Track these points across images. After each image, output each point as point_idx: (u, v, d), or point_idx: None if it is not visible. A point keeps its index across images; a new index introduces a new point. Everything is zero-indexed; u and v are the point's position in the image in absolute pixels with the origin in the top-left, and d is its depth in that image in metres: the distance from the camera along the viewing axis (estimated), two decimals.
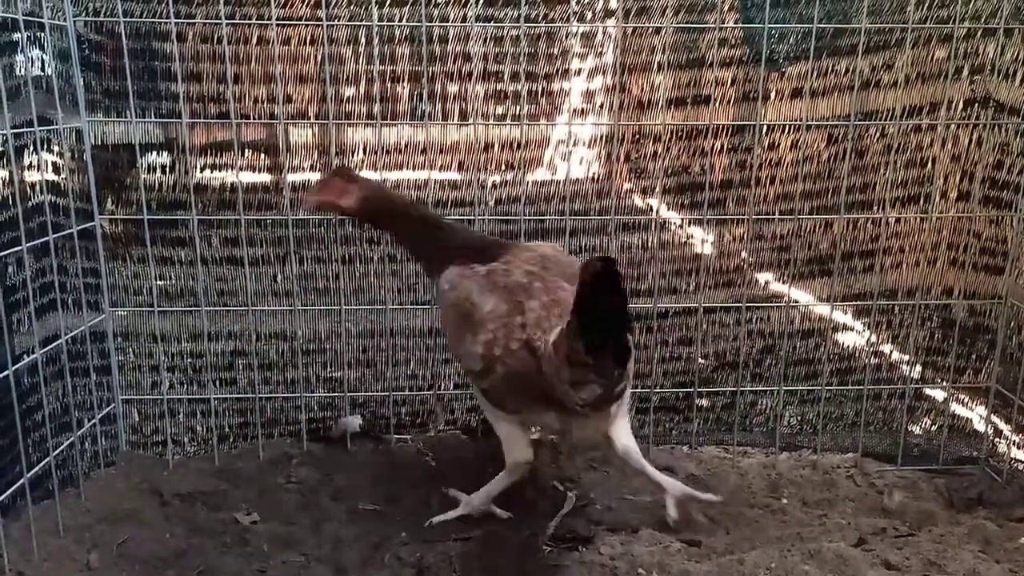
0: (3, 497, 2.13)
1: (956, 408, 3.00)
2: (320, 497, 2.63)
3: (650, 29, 2.66)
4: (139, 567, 2.24)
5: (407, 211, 2.47)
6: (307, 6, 2.58)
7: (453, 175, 2.79)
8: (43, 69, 2.38)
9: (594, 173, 2.81)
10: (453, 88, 2.71)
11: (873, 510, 2.61)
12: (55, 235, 2.38)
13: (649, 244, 2.83)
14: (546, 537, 2.34)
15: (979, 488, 2.74)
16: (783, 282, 2.88)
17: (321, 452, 2.90)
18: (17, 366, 2.20)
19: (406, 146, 2.74)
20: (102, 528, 2.41)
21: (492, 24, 2.64)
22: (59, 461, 2.48)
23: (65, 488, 2.52)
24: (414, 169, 2.76)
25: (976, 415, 2.97)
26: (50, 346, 2.39)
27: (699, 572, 2.06)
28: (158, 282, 2.76)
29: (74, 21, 2.49)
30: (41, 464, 2.33)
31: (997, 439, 2.88)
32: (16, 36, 2.23)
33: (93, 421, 2.66)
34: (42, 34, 2.35)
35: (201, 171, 2.70)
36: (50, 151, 2.45)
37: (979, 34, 2.64)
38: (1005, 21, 2.57)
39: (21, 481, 2.20)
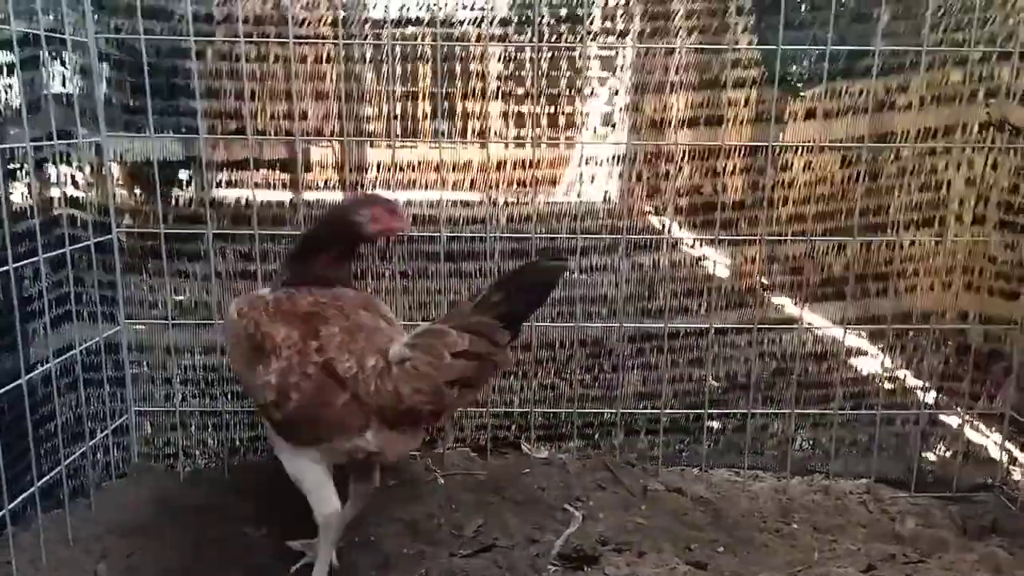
0: (13, 505, 2.15)
1: (971, 434, 2.96)
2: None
3: (662, 50, 2.67)
4: None
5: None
6: (324, 24, 2.61)
7: (467, 194, 2.81)
8: (64, 84, 2.42)
9: (606, 192, 2.82)
10: (470, 106, 2.73)
11: (885, 536, 2.58)
12: (71, 247, 2.41)
13: (661, 264, 2.83)
14: (551, 557, 2.33)
15: (993, 515, 2.71)
16: (796, 304, 2.86)
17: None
18: (31, 375, 2.23)
19: (419, 164, 2.76)
20: (112, 539, 2.43)
21: (511, 44, 2.67)
22: (71, 471, 2.51)
23: (76, 498, 2.55)
24: (427, 188, 2.79)
25: (991, 442, 2.93)
26: (63, 356, 2.42)
27: None
28: (176, 297, 2.78)
29: (96, 38, 2.53)
30: (52, 473, 2.35)
31: (1012, 466, 2.84)
32: (39, 52, 2.28)
33: (105, 432, 2.69)
34: (64, 50, 2.40)
35: (218, 186, 2.74)
36: (69, 165, 2.50)
37: (994, 58, 2.62)
38: (1021, 45, 2.56)
39: (31, 490, 2.23)
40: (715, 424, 3.04)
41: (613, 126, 2.80)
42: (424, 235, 2.77)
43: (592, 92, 2.78)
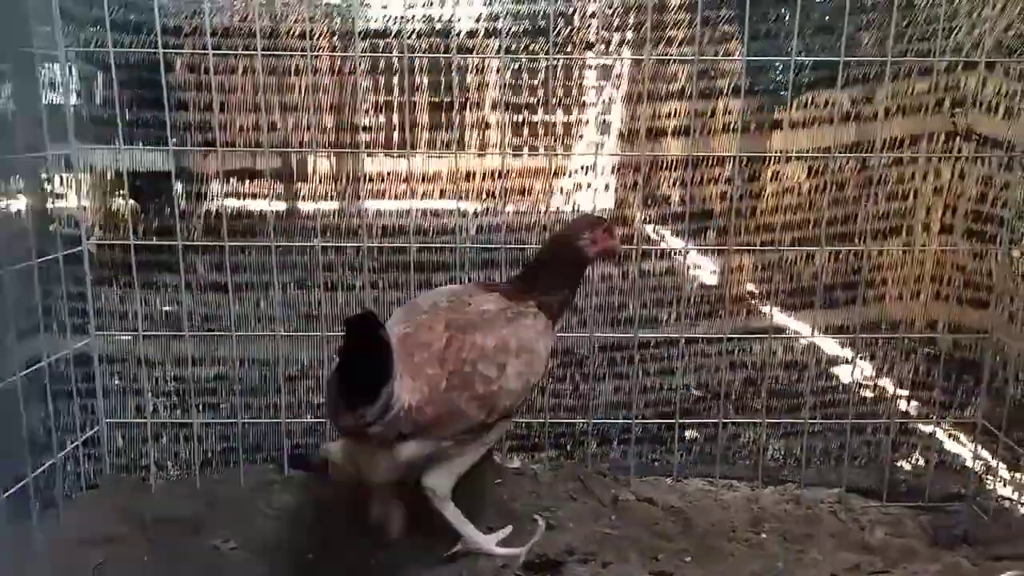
0: None
1: (946, 444, 2.96)
2: (299, 525, 2.63)
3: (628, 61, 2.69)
4: None
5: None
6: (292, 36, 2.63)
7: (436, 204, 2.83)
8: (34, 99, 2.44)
9: (575, 203, 2.84)
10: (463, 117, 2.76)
11: (853, 546, 2.57)
12: (39, 260, 2.42)
13: (630, 274, 2.84)
14: (517, 565, 2.32)
15: (965, 526, 2.70)
16: (765, 314, 2.87)
17: (302, 479, 2.90)
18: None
19: (412, 175, 2.79)
20: (81, 550, 2.42)
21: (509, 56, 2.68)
22: (41, 483, 2.51)
23: (46, 509, 2.55)
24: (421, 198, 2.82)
25: (966, 451, 2.93)
26: (30, 368, 2.42)
27: None
28: (167, 307, 2.80)
29: (65, 51, 2.55)
30: (18, 485, 2.35)
31: (986, 476, 2.84)
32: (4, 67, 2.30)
33: (75, 444, 2.69)
34: (34, 64, 2.42)
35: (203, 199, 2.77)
36: (38, 177, 2.51)
37: (960, 67, 2.64)
38: (986, 55, 2.57)
39: None
40: (694, 434, 3.04)
41: (581, 137, 2.81)
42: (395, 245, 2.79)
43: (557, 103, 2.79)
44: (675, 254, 2.84)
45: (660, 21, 2.68)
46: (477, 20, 2.66)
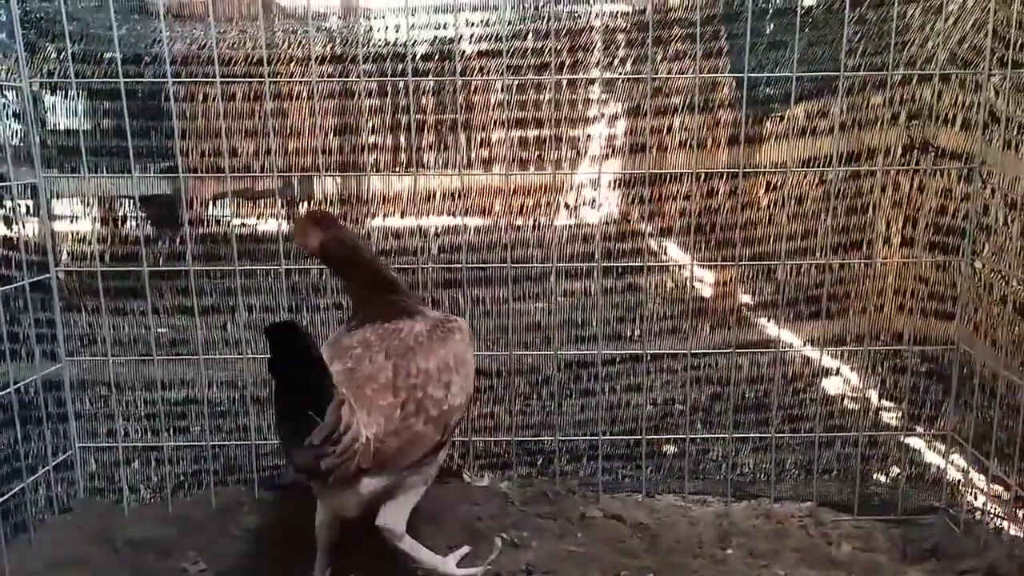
0: None
1: (920, 456, 2.95)
2: (268, 546, 2.65)
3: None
4: None
5: (361, 264, 2.43)
6: (252, 62, 2.67)
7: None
8: None
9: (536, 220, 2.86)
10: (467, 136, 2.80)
11: (819, 561, 2.56)
12: (3, 287, 2.47)
13: (592, 291, 2.85)
14: None
15: (936, 539, 2.68)
16: (728, 328, 2.87)
17: (273, 500, 2.92)
18: None
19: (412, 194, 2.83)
20: (48, 573, 2.45)
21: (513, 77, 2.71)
22: (11, 507, 2.54)
23: (17, 534, 2.58)
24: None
25: (939, 463, 2.91)
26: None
27: None
28: (159, 330, 2.83)
29: (30, 82, 2.60)
30: None
31: (960, 488, 2.82)
32: None
33: (46, 468, 2.72)
34: None
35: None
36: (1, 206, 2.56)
37: (914, 80, 2.64)
38: (941, 67, 2.58)
39: None
40: (672, 448, 3.04)
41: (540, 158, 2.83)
42: None
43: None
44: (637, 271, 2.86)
45: (611, 40, 2.71)
46: (431, 43, 2.70)
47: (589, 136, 2.78)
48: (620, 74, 2.69)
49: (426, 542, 2.55)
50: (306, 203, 2.81)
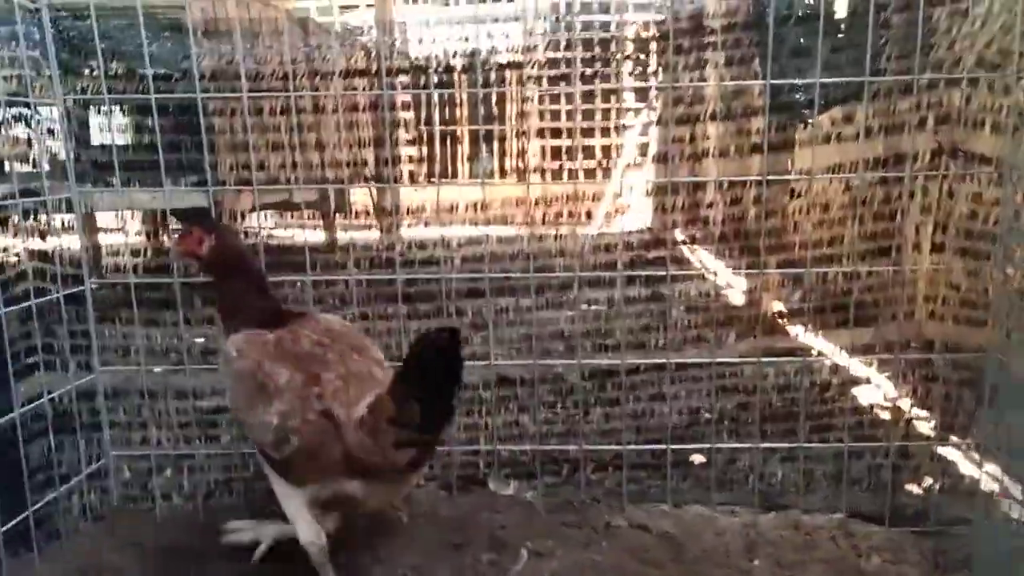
0: None
1: (952, 466, 2.89)
2: (293, 553, 2.67)
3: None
4: None
5: (248, 270, 2.45)
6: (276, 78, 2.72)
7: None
8: (29, 145, 2.56)
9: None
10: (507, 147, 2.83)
11: (847, 573, 2.52)
12: (39, 300, 2.53)
13: (615, 299, 2.85)
14: None
15: (968, 550, 2.63)
16: (754, 336, 2.85)
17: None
18: None
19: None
20: None
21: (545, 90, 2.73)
22: (46, 516, 2.59)
23: (51, 542, 2.63)
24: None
25: (973, 473, 2.85)
26: (33, 404, 2.52)
27: None
28: (196, 339, 2.89)
29: (64, 99, 2.67)
30: (18, 519, 2.43)
31: (995, 498, 2.76)
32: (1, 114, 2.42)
33: (79, 477, 2.78)
34: (28, 111, 2.54)
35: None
36: (36, 220, 2.63)
37: (942, 84, 2.60)
38: (968, 71, 2.54)
39: None
40: (701, 458, 3.02)
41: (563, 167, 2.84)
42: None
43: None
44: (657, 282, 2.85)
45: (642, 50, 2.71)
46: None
47: (619, 146, 2.78)
48: (648, 83, 2.69)
49: (448, 551, 2.58)
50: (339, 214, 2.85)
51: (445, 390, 2.00)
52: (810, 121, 2.67)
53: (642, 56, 2.71)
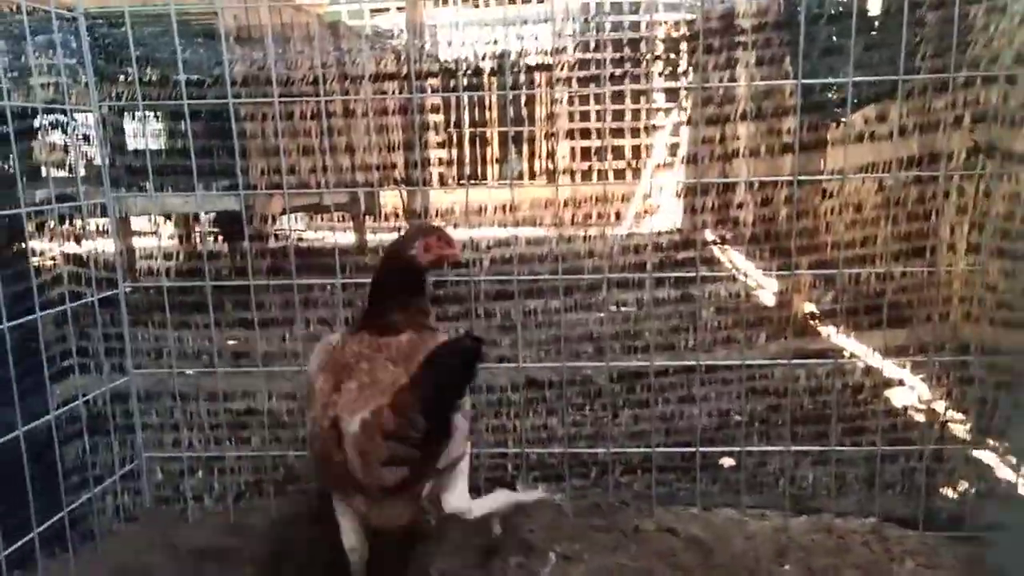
0: (10, 551, 2.28)
1: (988, 471, 2.84)
2: (324, 555, 2.69)
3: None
4: None
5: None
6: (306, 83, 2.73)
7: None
8: (66, 151, 2.61)
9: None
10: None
11: None
12: (73, 303, 2.57)
13: (644, 301, 2.83)
14: None
15: (1004, 555, 2.57)
16: (784, 337, 2.82)
17: (330, 510, 2.96)
18: (31, 425, 2.37)
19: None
20: None
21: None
22: (81, 516, 2.63)
23: (85, 542, 2.67)
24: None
25: (1009, 478, 2.80)
26: (68, 407, 2.56)
27: None
28: (229, 341, 2.92)
29: (99, 106, 2.71)
30: (52, 520, 2.47)
31: None
32: (39, 121, 2.46)
33: (113, 478, 2.81)
34: (64, 118, 2.58)
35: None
36: (72, 224, 2.67)
37: (978, 82, 2.56)
38: (1006, 68, 2.50)
39: (31, 535, 2.35)
40: (731, 461, 2.99)
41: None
42: None
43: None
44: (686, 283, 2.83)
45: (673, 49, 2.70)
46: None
47: (648, 146, 2.78)
48: (678, 84, 2.68)
49: (477, 554, 2.58)
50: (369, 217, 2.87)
51: (448, 403, 1.92)
52: (843, 120, 2.63)
53: (672, 56, 2.69)
